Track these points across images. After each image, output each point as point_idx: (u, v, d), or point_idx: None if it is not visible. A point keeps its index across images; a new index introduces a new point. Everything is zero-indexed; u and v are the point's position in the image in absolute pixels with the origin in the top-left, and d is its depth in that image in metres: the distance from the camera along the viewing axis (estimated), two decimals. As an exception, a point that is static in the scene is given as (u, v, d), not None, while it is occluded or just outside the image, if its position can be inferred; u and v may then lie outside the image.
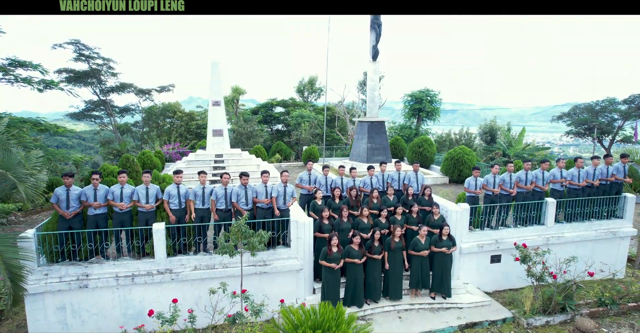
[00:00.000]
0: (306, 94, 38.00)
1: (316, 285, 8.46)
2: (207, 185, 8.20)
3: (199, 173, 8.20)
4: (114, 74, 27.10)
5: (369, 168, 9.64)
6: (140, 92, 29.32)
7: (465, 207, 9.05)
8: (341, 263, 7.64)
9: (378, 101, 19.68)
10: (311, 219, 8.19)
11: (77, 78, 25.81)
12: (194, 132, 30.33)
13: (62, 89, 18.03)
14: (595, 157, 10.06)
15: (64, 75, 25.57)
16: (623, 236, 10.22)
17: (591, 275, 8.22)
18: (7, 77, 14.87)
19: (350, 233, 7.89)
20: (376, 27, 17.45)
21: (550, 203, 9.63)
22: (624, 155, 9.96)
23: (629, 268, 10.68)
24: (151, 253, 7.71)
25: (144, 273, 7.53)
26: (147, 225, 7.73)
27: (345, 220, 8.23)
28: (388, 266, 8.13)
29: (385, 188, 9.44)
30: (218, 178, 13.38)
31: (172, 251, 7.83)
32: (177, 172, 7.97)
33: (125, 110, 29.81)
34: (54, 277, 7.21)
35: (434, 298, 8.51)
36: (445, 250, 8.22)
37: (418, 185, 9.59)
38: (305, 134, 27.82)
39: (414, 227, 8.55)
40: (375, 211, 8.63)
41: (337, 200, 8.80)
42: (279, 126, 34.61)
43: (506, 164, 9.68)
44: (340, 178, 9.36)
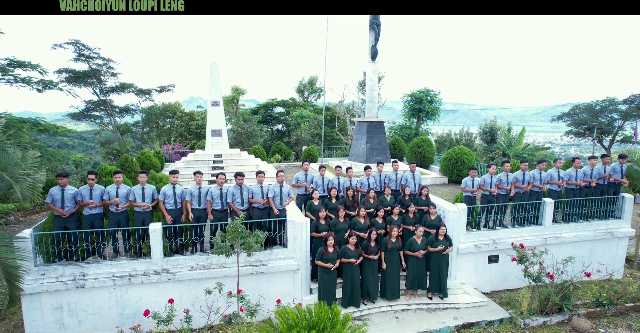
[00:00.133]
0: (306, 94, 38.00)
1: (313, 285, 8.46)
2: (204, 185, 8.21)
3: (195, 173, 8.20)
4: (114, 74, 27.16)
5: (366, 168, 9.64)
6: (140, 92, 29.37)
7: (463, 207, 9.04)
8: (337, 263, 7.64)
9: (377, 101, 19.67)
10: (308, 219, 8.19)
11: (77, 78, 25.88)
12: (194, 132, 30.36)
13: (61, 89, 18.05)
14: (592, 157, 10.04)
15: (64, 75, 25.66)
16: (621, 236, 10.20)
17: (588, 275, 8.20)
18: (6, 77, 14.90)
19: (347, 234, 7.89)
20: (375, 27, 17.42)
21: (548, 204, 9.62)
22: (622, 156, 9.94)
23: (627, 268, 10.66)
24: (148, 253, 7.72)
25: (140, 273, 7.54)
26: (144, 225, 7.74)
27: (342, 220, 8.23)
28: (385, 266, 8.13)
29: (383, 189, 9.44)
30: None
31: (169, 251, 7.83)
32: (173, 172, 7.98)
33: (125, 110, 29.87)
34: (51, 277, 7.22)
35: (431, 299, 8.51)
36: (441, 247, 8.21)
37: (415, 185, 9.58)
38: (305, 134, 27.82)
39: (411, 227, 8.54)
40: (372, 210, 8.64)
41: (334, 200, 8.80)
42: (279, 126, 34.63)
43: (503, 163, 9.67)
44: (337, 178, 9.36)
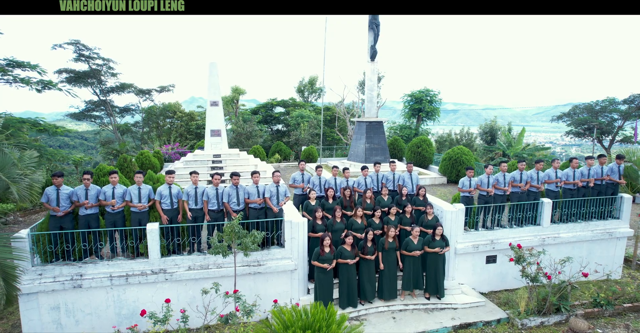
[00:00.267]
0: (306, 94, 38.01)
1: (310, 286, 8.45)
2: (200, 185, 8.22)
3: (191, 173, 8.20)
4: (114, 74, 27.20)
5: (362, 168, 9.64)
6: (140, 92, 29.40)
7: (461, 207, 9.03)
8: (333, 263, 7.64)
9: (377, 101, 19.67)
10: (305, 219, 8.19)
11: (77, 78, 25.92)
12: (194, 132, 30.39)
13: (61, 89, 18.06)
14: (589, 157, 10.03)
15: (64, 75, 25.70)
16: (619, 237, 10.18)
17: (585, 275, 8.19)
18: (5, 77, 14.91)
19: (343, 234, 7.89)
20: (374, 27, 17.42)
21: (546, 204, 9.61)
22: (620, 157, 9.93)
23: (625, 268, 10.64)
24: (145, 253, 7.73)
25: (138, 273, 7.55)
26: (140, 225, 7.75)
27: (339, 220, 8.23)
28: (382, 266, 8.13)
29: (380, 189, 9.44)
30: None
31: (166, 251, 7.84)
32: (169, 172, 7.99)
33: (125, 110, 29.89)
34: (48, 277, 7.23)
35: (428, 299, 8.50)
36: (438, 250, 8.21)
37: (412, 185, 9.58)
38: (305, 134, 27.83)
39: (408, 227, 8.54)
40: (369, 212, 8.63)
41: (331, 201, 8.80)
42: (279, 126, 34.64)
43: (500, 163, 9.66)
44: (334, 178, 9.36)
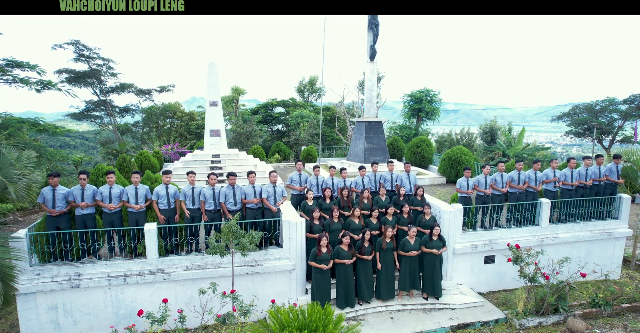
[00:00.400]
0: (306, 94, 38.00)
1: (309, 286, 8.45)
2: (197, 185, 8.22)
3: (188, 173, 8.20)
4: (114, 74, 27.20)
5: (360, 168, 9.64)
6: (141, 92, 29.41)
7: (459, 207, 9.03)
8: (330, 263, 7.64)
9: (376, 101, 19.66)
10: (303, 219, 8.19)
11: (77, 78, 25.93)
12: (194, 132, 30.40)
13: (60, 90, 18.08)
14: (586, 157, 10.02)
15: (64, 75, 25.71)
16: (618, 237, 10.17)
17: (583, 276, 8.19)
18: (4, 77, 14.93)
19: (340, 234, 7.89)
20: (374, 27, 17.41)
21: (545, 204, 9.60)
22: (617, 156, 9.92)
23: (624, 269, 10.63)
24: (143, 253, 7.74)
25: (135, 273, 7.56)
26: (138, 226, 7.76)
27: (336, 220, 8.23)
28: (380, 266, 8.13)
29: (378, 189, 9.44)
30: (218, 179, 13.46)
31: (164, 251, 7.85)
32: (166, 172, 8.00)
33: (126, 110, 29.90)
34: (46, 277, 7.24)
35: (426, 299, 8.50)
36: (435, 251, 8.21)
37: (410, 185, 9.57)
38: (304, 134, 27.82)
39: (405, 227, 8.54)
40: (367, 212, 8.63)
41: (328, 201, 8.80)
42: (279, 126, 34.64)
43: (497, 163, 9.65)
44: (331, 178, 9.36)
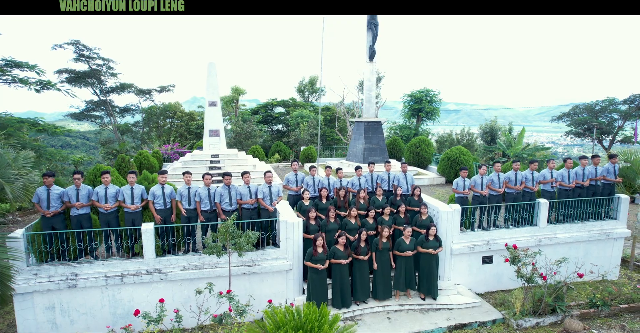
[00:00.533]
0: (307, 94, 38.02)
1: (305, 286, 8.45)
2: (193, 185, 8.22)
3: (184, 173, 8.20)
4: (114, 74, 27.27)
5: (356, 168, 9.63)
6: (141, 92, 29.47)
7: (457, 207, 9.02)
8: (326, 264, 7.64)
9: (375, 101, 19.66)
10: (300, 219, 8.18)
11: (77, 78, 26.00)
12: (194, 132, 30.44)
13: (59, 90, 18.12)
14: (582, 157, 10.00)
15: (64, 75, 25.78)
16: (617, 237, 10.15)
17: (580, 276, 8.17)
18: (4, 77, 14.98)
19: (337, 234, 7.89)
20: (373, 27, 17.40)
21: (543, 204, 9.59)
22: (612, 156, 9.91)
23: (623, 269, 10.61)
24: (140, 253, 7.74)
25: (133, 273, 7.57)
26: (134, 226, 7.76)
27: (332, 220, 8.23)
28: (376, 266, 8.13)
29: (374, 189, 9.43)
30: (216, 178, 13.47)
31: (161, 251, 7.85)
32: (162, 172, 8.01)
33: (126, 110, 29.97)
34: (43, 277, 7.25)
35: (424, 299, 8.50)
36: (431, 251, 8.21)
37: (407, 185, 9.56)
38: (304, 134, 27.83)
39: (402, 227, 8.53)
40: (363, 212, 8.63)
41: (324, 201, 8.80)
42: (279, 126, 34.66)
43: (493, 164, 9.64)
44: (327, 178, 9.36)
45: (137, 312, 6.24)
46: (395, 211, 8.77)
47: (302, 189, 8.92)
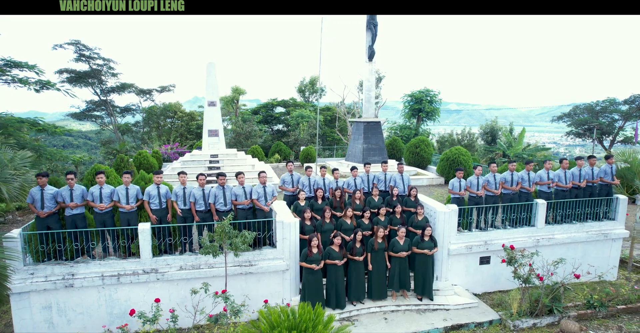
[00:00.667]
0: (307, 94, 38.04)
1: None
2: (188, 185, 8.23)
3: (179, 173, 8.20)
4: (115, 74, 27.35)
5: (352, 168, 9.62)
6: (141, 92, 29.54)
7: (454, 208, 9.01)
8: (321, 264, 7.64)
9: (374, 101, 19.64)
10: (297, 220, 8.18)
11: (77, 78, 26.08)
12: (194, 132, 30.48)
13: (59, 89, 18.16)
14: (579, 158, 9.97)
15: (65, 75, 25.85)
16: (615, 238, 10.12)
17: (577, 277, 8.15)
18: (3, 77, 15.02)
19: (332, 235, 7.89)
20: (372, 27, 17.40)
21: (541, 205, 9.57)
22: (608, 157, 9.88)
23: (621, 270, 10.58)
24: (137, 253, 7.75)
25: (129, 273, 7.58)
26: (129, 225, 7.78)
27: (328, 221, 8.23)
28: (371, 267, 8.12)
29: (370, 189, 9.42)
30: (214, 178, 13.47)
31: (158, 251, 7.87)
32: (157, 172, 8.02)
33: (126, 110, 30.05)
34: (40, 276, 7.27)
35: (420, 300, 8.49)
36: (427, 251, 8.20)
37: (404, 185, 9.55)
38: (304, 134, 27.85)
39: (397, 227, 8.52)
40: (359, 212, 8.63)
41: (320, 201, 8.80)
42: (280, 126, 34.68)
43: (489, 164, 9.63)
44: (323, 179, 9.35)
45: (132, 312, 6.25)
46: (391, 211, 8.76)
47: (298, 190, 8.92)
